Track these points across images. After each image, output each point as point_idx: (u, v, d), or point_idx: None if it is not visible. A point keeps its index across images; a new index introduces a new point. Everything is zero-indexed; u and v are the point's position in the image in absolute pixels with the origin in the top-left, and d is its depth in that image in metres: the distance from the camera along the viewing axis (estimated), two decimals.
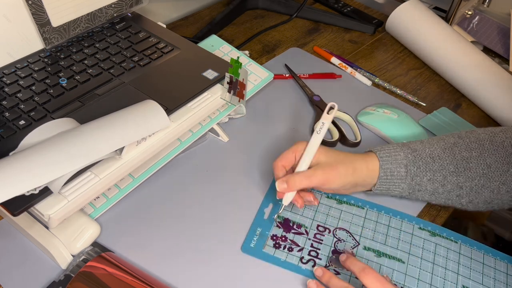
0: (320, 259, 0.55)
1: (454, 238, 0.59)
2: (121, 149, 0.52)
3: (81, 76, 0.61)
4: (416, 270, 0.55)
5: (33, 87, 0.58)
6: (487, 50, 0.93)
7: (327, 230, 0.58)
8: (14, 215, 0.45)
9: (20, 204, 0.45)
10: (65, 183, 0.48)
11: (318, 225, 0.59)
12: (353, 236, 0.58)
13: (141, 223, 0.57)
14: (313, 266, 0.54)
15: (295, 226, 0.58)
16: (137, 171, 0.57)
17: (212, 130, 0.67)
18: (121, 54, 0.65)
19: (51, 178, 0.46)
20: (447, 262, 0.56)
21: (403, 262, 0.56)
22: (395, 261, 0.56)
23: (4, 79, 0.58)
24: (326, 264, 0.54)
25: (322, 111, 0.73)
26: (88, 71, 0.62)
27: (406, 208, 0.62)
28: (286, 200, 0.56)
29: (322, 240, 0.57)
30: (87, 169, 0.50)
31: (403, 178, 0.57)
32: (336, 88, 0.80)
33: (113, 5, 0.68)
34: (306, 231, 0.58)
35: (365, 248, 0.57)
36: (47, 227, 0.51)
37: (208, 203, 0.60)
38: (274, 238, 0.57)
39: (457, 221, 0.82)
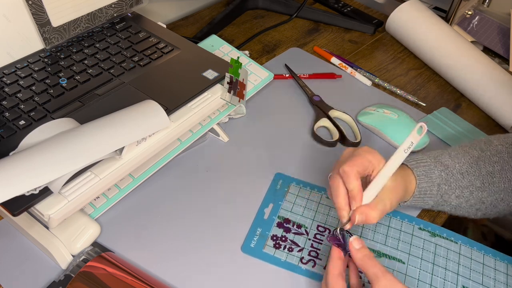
0: (320, 259, 0.55)
1: (454, 239, 0.59)
2: (121, 149, 0.52)
3: (81, 76, 0.61)
4: (416, 271, 0.55)
5: (33, 87, 0.58)
6: (487, 50, 0.93)
7: (327, 231, 0.58)
8: (14, 215, 0.45)
9: (20, 204, 0.45)
10: (65, 183, 0.48)
11: (318, 226, 0.59)
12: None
13: (141, 223, 0.57)
14: (313, 266, 0.54)
15: (295, 227, 0.58)
16: (137, 171, 0.57)
17: (212, 130, 0.67)
18: (121, 54, 0.65)
19: (51, 178, 0.46)
20: (447, 262, 0.56)
21: (403, 263, 0.56)
22: (395, 261, 0.56)
23: (4, 79, 0.58)
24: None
25: (322, 111, 0.74)
26: (88, 71, 0.62)
27: (406, 208, 0.62)
28: (349, 225, 0.50)
29: (322, 241, 0.57)
30: (87, 169, 0.50)
31: (434, 196, 0.57)
32: (336, 88, 0.80)
33: (113, 5, 0.68)
34: (306, 231, 0.58)
35: None
36: (47, 227, 0.51)
37: (208, 203, 0.60)
38: (274, 238, 0.57)
39: (457, 221, 0.82)
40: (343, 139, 0.70)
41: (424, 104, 0.79)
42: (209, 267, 0.53)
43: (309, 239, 0.57)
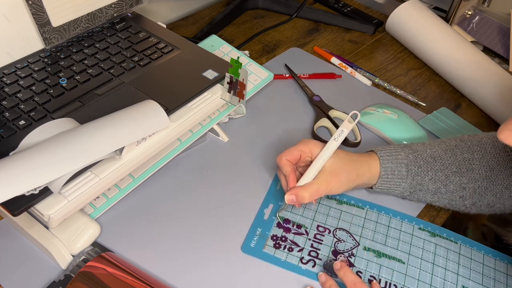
0: (320, 259, 0.55)
1: (454, 239, 0.59)
2: (121, 149, 0.52)
3: (81, 76, 0.61)
4: (416, 271, 0.55)
5: (33, 87, 0.58)
6: (487, 50, 0.93)
7: (327, 231, 0.58)
8: (14, 215, 0.45)
9: (20, 204, 0.45)
10: (65, 183, 0.48)
11: (318, 226, 0.59)
12: (353, 237, 0.58)
13: (141, 223, 0.57)
14: (313, 266, 0.54)
15: (295, 227, 0.58)
16: (137, 171, 0.57)
17: (212, 130, 0.67)
18: (121, 54, 0.65)
19: (51, 178, 0.46)
20: (447, 262, 0.56)
21: (403, 263, 0.56)
22: (395, 261, 0.56)
23: (4, 79, 0.58)
24: (324, 267, 0.54)
25: (322, 111, 0.74)
26: (88, 71, 0.62)
27: (406, 208, 0.62)
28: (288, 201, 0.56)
29: (322, 241, 0.57)
30: (87, 169, 0.50)
31: (404, 178, 0.58)
32: (336, 88, 0.80)
33: (113, 5, 0.68)
34: (306, 231, 0.58)
35: (365, 248, 0.57)
36: (47, 227, 0.51)
37: (208, 203, 0.60)
38: (274, 238, 0.57)
39: (457, 221, 0.82)
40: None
41: (424, 104, 0.79)
42: (209, 267, 0.53)
43: (309, 239, 0.57)
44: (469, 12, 0.97)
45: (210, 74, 0.64)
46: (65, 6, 0.62)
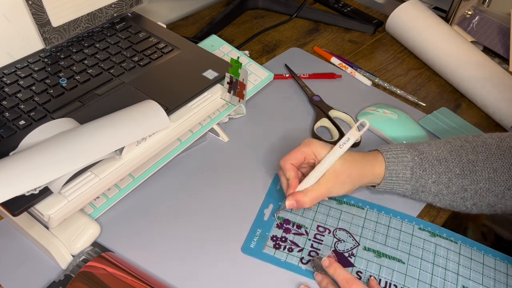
0: (319, 260, 0.55)
1: (454, 239, 0.59)
2: (121, 149, 0.52)
3: (81, 76, 0.61)
4: (416, 271, 0.55)
5: (33, 87, 0.58)
6: (487, 50, 0.93)
7: (327, 231, 0.58)
8: (14, 215, 0.45)
9: (20, 204, 0.45)
10: (65, 183, 0.48)
11: (318, 226, 0.59)
12: (353, 237, 0.58)
13: (141, 223, 0.57)
14: (314, 266, 0.54)
15: (295, 227, 0.58)
16: (137, 171, 0.57)
17: (212, 130, 0.67)
18: (121, 54, 0.65)
19: (51, 178, 0.46)
20: (447, 262, 0.56)
21: (403, 263, 0.56)
22: (395, 261, 0.56)
23: (4, 79, 0.58)
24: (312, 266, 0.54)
25: (322, 111, 0.74)
26: (88, 71, 0.62)
27: (406, 207, 0.62)
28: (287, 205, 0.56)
29: (322, 241, 0.57)
30: (87, 169, 0.50)
31: (408, 180, 0.57)
32: (336, 88, 0.80)
33: (113, 5, 0.68)
34: (306, 231, 0.58)
35: (365, 248, 0.57)
36: (47, 227, 0.51)
37: (208, 203, 0.60)
38: (274, 239, 0.57)
39: (457, 221, 0.82)
40: None
41: (424, 104, 0.79)
42: (209, 267, 0.53)
43: (309, 239, 0.57)
44: (469, 12, 0.97)
45: (210, 74, 0.64)
46: (65, 6, 0.62)
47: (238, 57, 0.62)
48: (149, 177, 0.58)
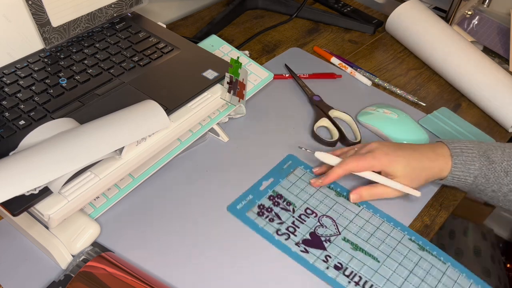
0: (296, 235, 0.56)
1: (444, 259, 0.56)
2: (121, 149, 0.52)
3: (81, 76, 0.61)
4: (389, 272, 0.54)
5: (33, 87, 0.58)
6: (487, 50, 0.93)
7: (314, 214, 0.59)
8: (14, 215, 0.45)
9: (20, 204, 0.45)
10: (65, 183, 0.48)
11: (308, 208, 0.59)
12: (337, 226, 0.58)
13: (141, 223, 0.57)
14: (286, 239, 0.56)
15: (285, 203, 0.59)
16: (137, 171, 0.57)
17: (212, 130, 0.67)
18: (121, 54, 0.65)
19: (51, 178, 0.46)
20: (427, 276, 0.54)
21: (378, 261, 0.55)
22: (370, 258, 0.55)
23: (4, 79, 0.58)
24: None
25: (322, 111, 0.74)
26: (88, 71, 0.62)
27: (406, 207, 0.62)
28: (322, 157, 0.60)
29: (304, 221, 0.58)
30: (87, 169, 0.50)
31: (469, 185, 0.58)
32: (336, 88, 0.80)
33: (113, 5, 0.68)
34: (293, 209, 0.59)
35: (344, 239, 0.57)
36: (47, 227, 0.51)
37: (208, 203, 0.60)
38: (261, 207, 0.58)
39: (457, 221, 0.82)
40: (343, 138, 0.70)
41: (424, 104, 0.79)
42: (209, 267, 0.53)
43: (293, 217, 0.58)
44: (469, 12, 0.97)
45: (210, 74, 0.64)
46: (65, 6, 0.62)
47: (238, 57, 0.62)
48: (149, 177, 0.58)
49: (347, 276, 0.53)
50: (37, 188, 0.46)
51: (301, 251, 0.55)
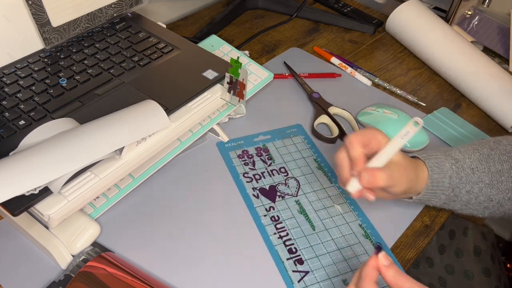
0: (258, 183, 0.61)
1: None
2: (121, 149, 0.52)
3: (81, 76, 0.61)
4: (317, 241, 0.56)
5: (33, 87, 0.58)
6: (487, 50, 0.93)
7: (285, 173, 0.62)
8: (14, 215, 0.45)
9: (20, 204, 0.45)
10: (65, 183, 0.48)
11: (283, 167, 0.63)
12: (298, 190, 0.60)
13: (141, 223, 0.57)
14: (248, 182, 0.61)
15: (266, 157, 0.63)
16: (137, 171, 0.57)
17: (212, 130, 0.67)
18: (121, 54, 0.65)
19: (51, 178, 0.46)
20: (353, 259, 0.54)
21: (313, 230, 0.57)
22: (308, 224, 0.57)
23: (4, 79, 0.58)
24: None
25: (322, 107, 0.74)
26: (88, 71, 0.62)
27: (406, 207, 0.62)
28: (352, 188, 0.50)
29: (273, 175, 0.61)
30: (87, 169, 0.50)
31: (445, 189, 0.56)
32: (336, 88, 0.80)
33: (113, 5, 0.68)
34: (270, 164, 0.63)
35: (296, 201, 0.59)
36: (47, 227, 0.51)
37: (208, 203, 0.60)
38: (245, 152, 0.65)
39: (457, 221, 0.82)
40: (342, 135, 0.70)
41: (424, 104, 0.79)
42: (209, 267, 0.53)
43: (266, 169, 0.63)
44: (469, 12, 0.97)
45: (210, 74, 0.64)
46: (65, 6, 0.62)
47: (238, 57, 0.62)
48: (149, 177, 0.58)
49: (277, 229, 0.56)
50: (37, 188, 0.46)
51: (253, 195, 0.60)
